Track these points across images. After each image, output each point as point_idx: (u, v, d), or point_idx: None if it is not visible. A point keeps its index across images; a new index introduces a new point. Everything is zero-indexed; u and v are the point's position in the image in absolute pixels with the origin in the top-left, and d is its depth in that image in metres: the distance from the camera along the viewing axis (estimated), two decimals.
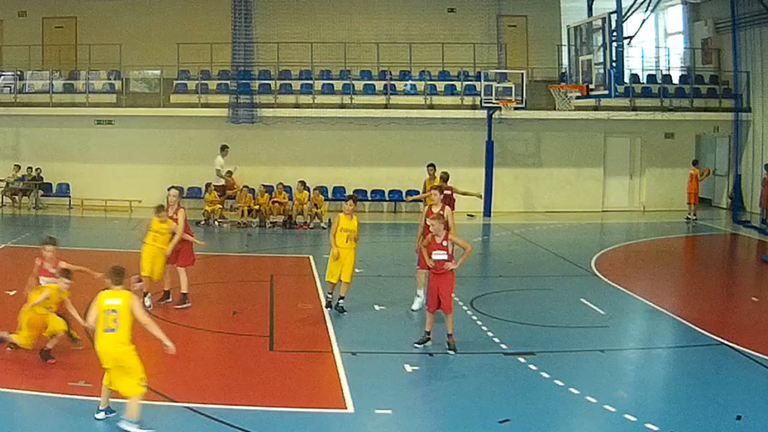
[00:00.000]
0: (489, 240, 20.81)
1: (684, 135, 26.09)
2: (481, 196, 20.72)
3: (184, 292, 12.37)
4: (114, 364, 7.59)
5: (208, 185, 22.92)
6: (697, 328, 11.60)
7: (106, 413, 7.80)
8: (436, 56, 25.80)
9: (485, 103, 23.72)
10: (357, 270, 16.00)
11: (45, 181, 24.77)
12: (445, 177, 16.50)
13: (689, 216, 23.73)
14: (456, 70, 25.99)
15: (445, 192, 13.78)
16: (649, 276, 16.10)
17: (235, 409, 8.18)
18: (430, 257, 10.28)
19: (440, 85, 25.66)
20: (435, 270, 10.29)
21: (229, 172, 23.08)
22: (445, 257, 10.24)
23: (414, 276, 12.75)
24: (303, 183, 22.10)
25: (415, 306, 12.46)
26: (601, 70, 16.17)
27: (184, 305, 12.30)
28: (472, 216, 23.81)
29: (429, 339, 10.50)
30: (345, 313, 12.04)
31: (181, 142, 24.94)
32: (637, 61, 26.24)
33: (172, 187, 13.39)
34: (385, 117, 24.68)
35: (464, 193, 16.96)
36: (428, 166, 18.53)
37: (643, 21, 20.02)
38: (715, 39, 26.90)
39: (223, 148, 22.60)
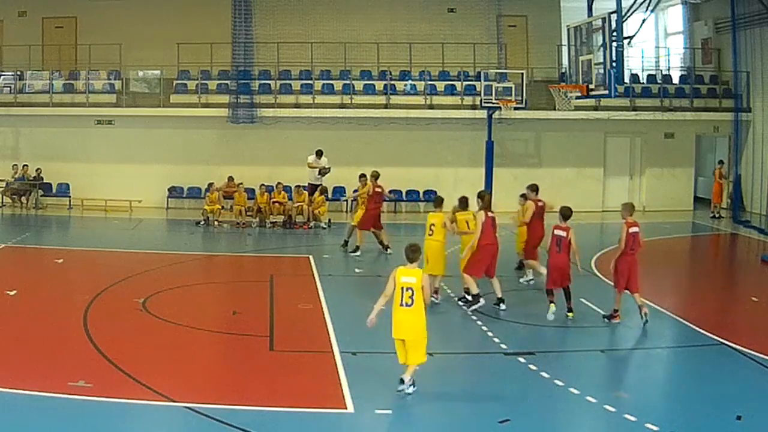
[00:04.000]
0: None
1: (684, 135, 26.09)
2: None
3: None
4: (406, 336, 8.52)
5: (210, 185, 22.86)
6: (697, 328, 11.60)
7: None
8: (436, 56, 25.81)
9: (485, 103, 23.71)
10: (357, 270, 16.15)
11: (45, 181, 24.79)
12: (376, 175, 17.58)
13: (714, 213, 24.41)
14: (456, 70, 26.00)
15: None
16: (649, 276, 16.05)
17: (235, 409, 8.18)
18: None
19: (440, 85, 25.66)
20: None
21: (231, 177, 23.09)
22: None
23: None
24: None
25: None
26: (601, 70, 16.14)
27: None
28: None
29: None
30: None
31: (181, 142, 24.95)
32: (637, 61, 26.26)
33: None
34: (385, 117, 24.68)
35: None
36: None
37: (643, 21, 20.03)
38: (715, 39, 26.91)
39: (319, 153, 22.24)
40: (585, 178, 25.49)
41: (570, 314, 12.03)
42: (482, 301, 12.34)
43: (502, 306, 12.48)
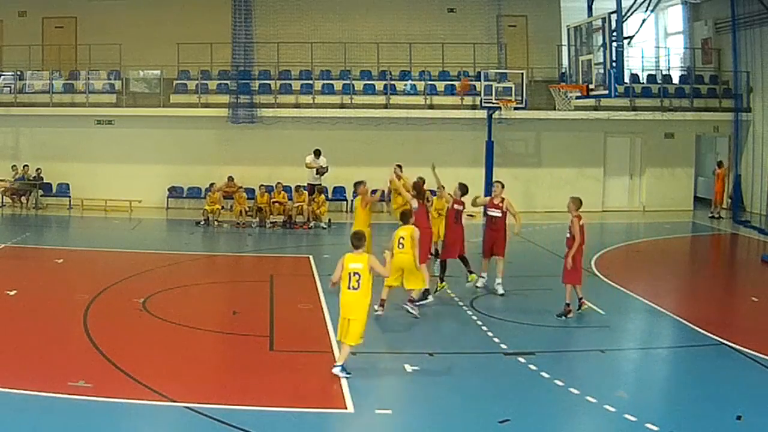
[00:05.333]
0: None
1: (684, 135, 26.08)
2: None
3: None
4: (352, 316, 9.07)
5: (211, 185, 22.86)
6: (697, 328, 11.60)
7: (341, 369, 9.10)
8: (436, 56, 25.81)
9: (485, 103, 23.70)
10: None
11: (45, 181, 24.79)
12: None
13: (713, 214, 24.41)
14: (456, 70, 25.99)
15: None
16: (649, 276, 16.10)
17: (235, 409, 8.18)
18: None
19: (440, 85, 25.65)
20: None
21: (230, 177, 23.10)
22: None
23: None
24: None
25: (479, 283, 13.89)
26: (601, 70, 16.15)
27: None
28: (472, 216, 23.77)
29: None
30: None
31: (181, 142, 24.95)
32: (637, 61, 26.26)
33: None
34: (385, 117, 24.67)
35: None
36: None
37: (643, 21, 20.05)
38: (715, 39, 26.91)
39: (317, 153, 22.17)
40: (585, 178, 25.47)
41: (471, 276, 13.84)
42: (431, 298, 12.69)
43: (429, 298, 12.65)
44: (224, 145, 24.79)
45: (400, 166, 16.14)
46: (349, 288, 9.12)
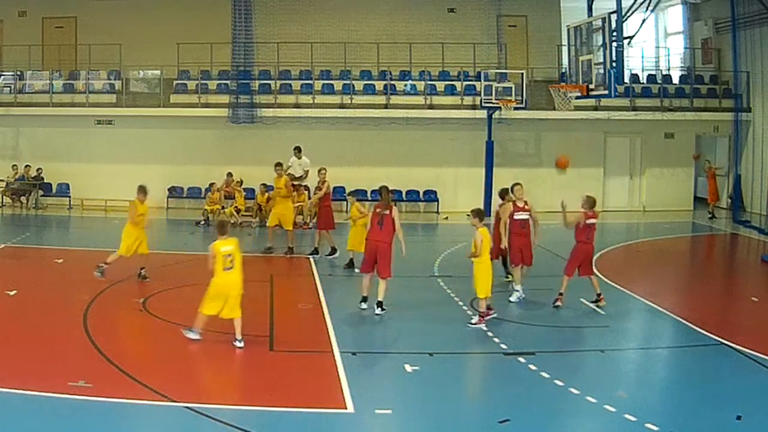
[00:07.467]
0: None
1: (684, 135, 26.09)
2: None
3: None
4: (232, 292, 10.12)
5: (211, 185, 22.90)
6: (697, 328, 11.60)
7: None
8: (436, 56, 25.81)
9: (485, 103, 23.72)
10: (356, 270, 16.09)
11: (45, 181, 24.79)
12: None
13: (711, 214, 24.52)
14: (456, 70, 26.00)
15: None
16: (649, 276, 16.10)
17: (235, 409, 8.19)
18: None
19: (440, 85, 25.67)
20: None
21: (230, 174, 23.08)
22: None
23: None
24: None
25: (513, 298, 13.20)
26: (601, 70, 16.13)
27: None
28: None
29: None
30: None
31: (181, 142, 24.96)
32: (637, 61, 26.26)
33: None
34: (385, 117, 24.68)
35: None
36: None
37: (643, 21, 20.00)
38: (715, 39, 26.91)
39: (298, 150, 22.05)
40: (585, 178, 25.45)
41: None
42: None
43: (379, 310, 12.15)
44: (224, 145, 24.80)
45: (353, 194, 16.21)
46: (225, 269, 10.16)
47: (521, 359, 10.01)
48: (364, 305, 12.28)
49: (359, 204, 15.48)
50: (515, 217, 13.20)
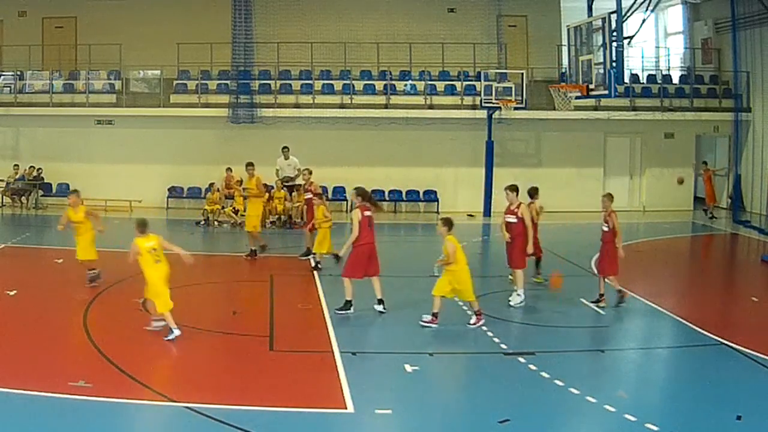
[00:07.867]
0: (489, 240, 20.78)
1: (684, 135, 26.09)
2: None
3: None
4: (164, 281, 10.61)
5: (211, 185, 22.90)
6: (697, 328, 11.61)
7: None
8: (436, 56, 25.81)
9: (485, 103, 23.72)
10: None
11: (45, 181, 24.78)
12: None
13: (709, 214, 24.51)
14: (456, 70, 26.00)
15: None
16: (649, 276, 16.10)
17: (235, 409, 8.18)
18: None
19: (440, 85, 25.66)
20: None
21: (229, 169, 23.05)
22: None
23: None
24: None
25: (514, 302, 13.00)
26: (601, 70, 16.13)
27: None
28: (472, 216, 23.83)
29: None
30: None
31: (181, 142, 24.97)
32: (637, 61, 26.25)
33: None
34: (385, 117, 24.68)
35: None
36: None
37: (643, 21, 20.00)
38: (715, 39, 26.90)
39: (286, 150, 22.04)
40: (585, 178, 25.46)
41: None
42: (352, 309, 12.17)
43: (381, 307, 12.24)
44: (224, 145, 24.79)
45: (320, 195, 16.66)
46: (156, 263, 10.70)
47: (521, 359, 10.02)
48: (351, 309, 12.18)
49: (324, 208, 15.64)
50: (506, 219, 13.25)
